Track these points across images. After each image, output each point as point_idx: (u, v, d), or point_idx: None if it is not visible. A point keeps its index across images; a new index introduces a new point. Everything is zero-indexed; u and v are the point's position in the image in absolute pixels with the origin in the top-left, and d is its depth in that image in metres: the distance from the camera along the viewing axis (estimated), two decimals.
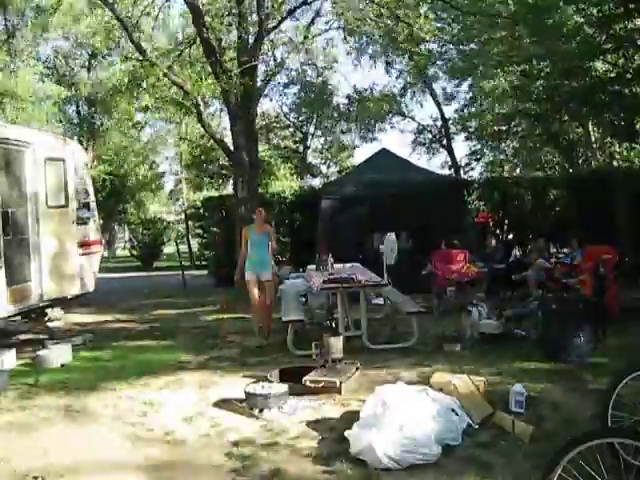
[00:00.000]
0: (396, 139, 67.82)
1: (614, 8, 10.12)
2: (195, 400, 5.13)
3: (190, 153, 27.04)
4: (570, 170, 19.13)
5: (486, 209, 13.95)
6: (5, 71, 19.59)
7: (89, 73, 25.38)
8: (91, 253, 8.81)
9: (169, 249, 25.81)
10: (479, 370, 5.45)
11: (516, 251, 11.00)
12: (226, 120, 17.20)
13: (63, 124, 26.06)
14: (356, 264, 8.49)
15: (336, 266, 8.04)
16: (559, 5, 10.97)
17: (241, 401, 4.82)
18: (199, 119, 12.26)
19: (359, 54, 23.30)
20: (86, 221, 8.71)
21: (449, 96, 24.77)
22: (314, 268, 8.21)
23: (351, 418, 4.23)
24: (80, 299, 8.71)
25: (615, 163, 18.45)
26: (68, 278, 8.05)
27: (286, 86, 26.69)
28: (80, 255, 8.36)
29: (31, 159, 7.48)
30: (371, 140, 27.41)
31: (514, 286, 9.37)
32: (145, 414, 4.80)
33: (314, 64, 23.53)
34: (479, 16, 12.19)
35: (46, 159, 7.76)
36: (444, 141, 26.29)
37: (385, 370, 5.75)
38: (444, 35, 16.47)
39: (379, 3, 11.30)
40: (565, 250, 9.89)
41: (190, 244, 23.72)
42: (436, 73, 23.00)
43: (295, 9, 12.76)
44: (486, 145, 24.87)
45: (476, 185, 14.49)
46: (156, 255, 23.19)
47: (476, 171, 26.49)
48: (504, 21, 12.21)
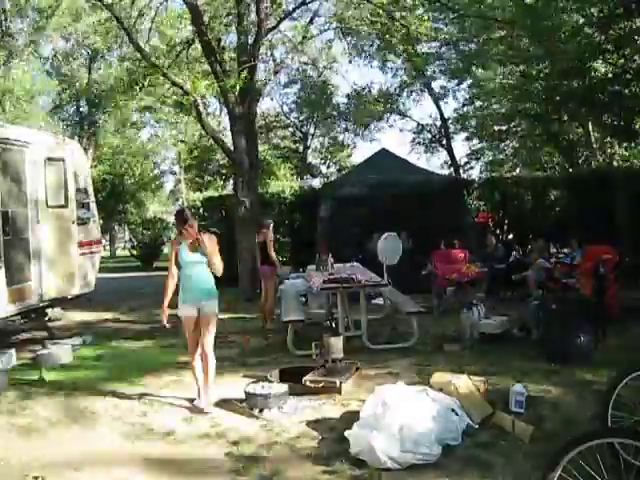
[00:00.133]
0: (395, 139, 67.92)
1: (614, 8, 10.12)
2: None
3: (189, 153, 27.02)
4: (570, 170, 19.13)
5: (486, 209, 13.94)
6: (4, 71, 19.60)
7: (89, 73, 25.36)
8: (91, 253, 8.82)
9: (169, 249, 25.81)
10: (479, 370, 5.45)
11: (516, 251, 11.02)
12: (226, 120, 17.21)
13: (63, 124, 26.08)
14: (356, 264, 8.49)
15: (336, 266, 8.04)
16: (556, 7, 10.97)
17: (241, 401, 4.82)
18: (199, 119, 12.25)
19: (357, 54, 23.31)
20: (86, 221, 8.72)
21: (448, 95, 24.82)
22: (314, 268, 8.22)
23: (351, 418, 4.23)
24: (80, 299, 8.71)
25: (615, 163, 18.45)
26: (68, 278, 8.05)
27: (286, 86, 26.74)
28: (80, 255, 8.37)
29: (31, 159, 7.47)
30: (370, 140, 27.46)
31: (514, 286, 9.38)
32: (145, 414, 4.80)
33: (313, 64, 23.50)
34: (476, 18, 12.19)
35: (46, 159, 7.76)
36: (443, 141, 26.30)
37: (385, 370, 5.75)
38: (441, 35, 16.48)
39: (376, 4, 11.30)
40: (565, 250, 9.89)
41: None
42: (434, 73, 23.01)
43: (294, 9, 12.78)
44: (486, 145, 24.91)
45: (476, 185, 14.49)
46: (156, 255, 23.18)
47: (476, 171, 26.55)
48: (502, 22, 12.20)
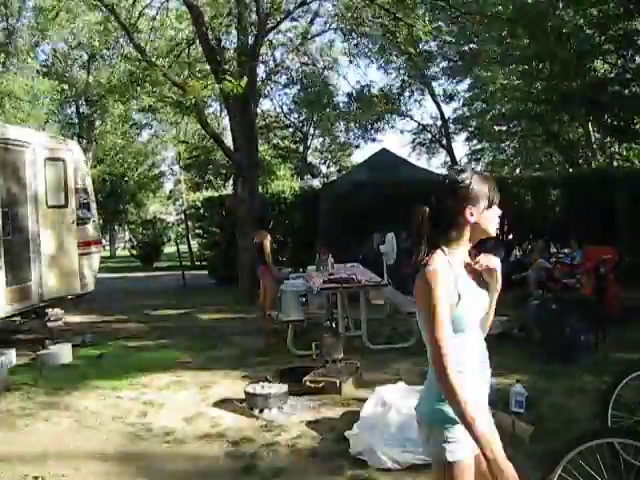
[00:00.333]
0: (396, 139, 67.97)
1: (614, 9, 10.12)
2: (195, 400, 5.13)
3: (189, 153, 27.02)
4: (570, 170, 19.13)
5: None
6: (3, 71, 19.59)
7: (88, 73, 25.36)
8: (91, 253, 8.82)
9: (169, 249, 25.81)
10: None
11: (516, 251, 11.01)
12: (226, 120, 17.22)
13: (62, 124, 26.07)
14: (356, 264, 8.49)
15: (336, 266, 8.04)
16: (556, 9, 10.98)
17: (241, 401, 4.82)
18: (199, 119, 12.25)
19: (357, 55, 23.31)
20: (86, 221, 8.71)
21: (448, 95, 24.81)
22: (314, 268, 8.22)
23: (351, 418, 4.23)
24: (80, 299, 8.71)
25: (615, 163, 18.45)
26: (68, 278, 8.05)
27: (286, 86, 26.70)
28: (80, 255, 8.36)
29: (31, 159, 7.47)
30: (371, 140, 27.44)
31: (514, 286, 9.38)
32: (145, 414, 4.80)
33: (313, 64, 23.50)
34: (477, 17, 12.17)
35: (46, 159, 7.76)
36: (444, 141, 26.30)
37: (385, 370, 5.75)
38: (442, 35, 16.46)
39: (378, 4, 11.28)
40: (565, 250, 9.89)
41: (190, 244, 23.74)
42: (435, 73, 23.01)
43: (294, 9, 12.76)
44: (487, 145, 24.91)
45: None
46: (156, 255, 23.20)
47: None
48: (502, 22, 12.18)
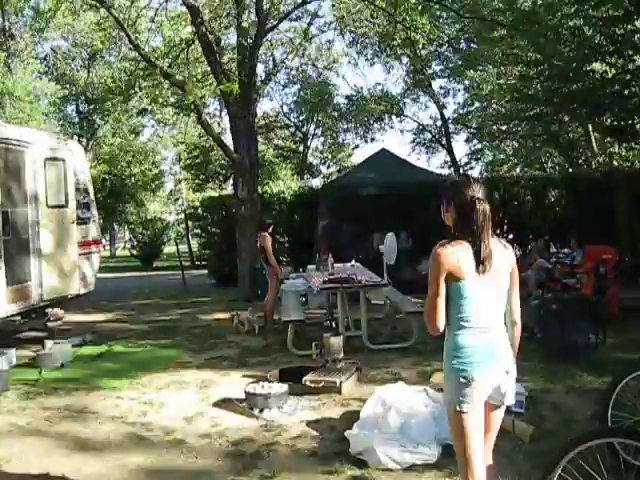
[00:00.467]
0: (395, 139, 67.98)
1: (613, 10, 10.10)
2: (195, 400, 5.13)
3: (189, 153, 27.02)
4: (570, 170, 19.13)
5: None
6: (3, 70, 19.58)
7: (88, 73, 25.37)
8: (91, 253, 8.83)
9: (169, 249, 25.82)
10: None
11: (516, 251, 11.01)
12: (226, 120, 17.22)
13: (62, 124, 26.05)
14: (356, 264, 8.49)
15: (336, 266, 8.04)
16: (556, 10, 10.96)
17: (241, 401, 4.82)
18: (199, 119, 12.25)
19: (357, 56, 23.35)
20: (86, 221, 8.72)
21: (448, 95, 24.85)
22: (314, 268, 8.22)
23: (351, 418, 4.23)
24: (80, 299, 8.72)
25: (615, 163, 18.45)
26: (68, 278, 8.05)
27: (285, 86, 26.72)
28: (80, 255, 8.37)
29: (31, 159, 7.47)
30: (370, 140, 27.44)
31: None
32: (145, 414, 4.80)
33: (313, 64, 23.51)
34: (476, 20, 12.19)
35: (46, 159, 7.76)
36: (443, 141, 26.31)
37: (385, 370, 5.75)
38: (441, 35, 16.44)
39: (377, 5, 11.29)
40: (565, 250, 9.89)
41: (190, 244, 23.76)
42: (434, 74, 23.00)
43: (293, 9, 12.77)
44: (486, 145, 24.90)
45: None
46: (156, 255, 23.20)
47: (476, 171, 26.56)
48: (502, 24, 12.17)
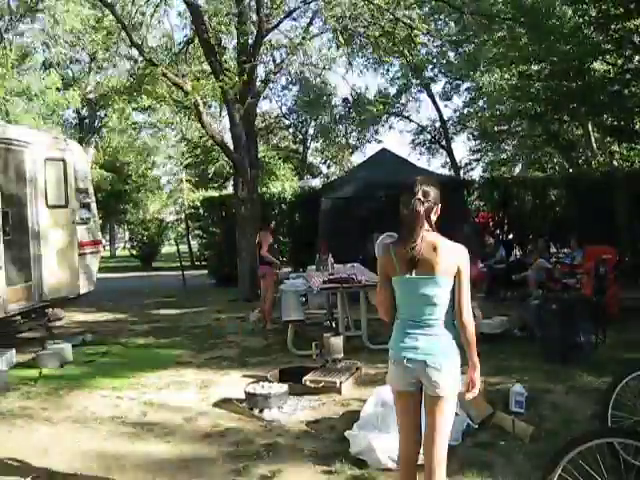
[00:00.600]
0: (395, 139, 67.86)
1: (614, 8, 10.11)
2: (195, 400, 5.13)
3: (190, 153, 27.07)
4: (570, 170, 19.12)
5: (486, 209, 13.95)
6: (4, 70, 19.56)
7: (88, 72, 25.35)
8: (91, 253, 8.82)
9: (169, 249, 25.82)
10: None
11: (516, 251, 11.02)
12: (226, 120, 17.19)
13: (63, 124, 26.05)
14: (356, 264, 8.49)
15: (336, 266, 8.04)
16: (556, 7, 10.98)
17: (241, 401, 4.82)
18: (199, 119, 12.24)
19: (355, 56, 23.29)
20: (86, 221, 8.72)
21: (448, 96, 24.79)
22: (314, 268, 8.22)
23: (351, 418, 4.23)
24: (80, 299, 8.71)
25: (615, 163, 18.45)
26: (68, 278, 8.04)
27: (285, 87, 26.71)
28: (80, 255, 8.37)
29: (31, 159, 7.47)
30: (369, 141, 27.45)
31: (514, 286, 9.38)
32: (145, 414, 4.80)
33: (313, 65, 23.49)
34: (476, 17, 12.17)
35: (46, 159, 7.76)
36: (443, 142, 26.31)
37: (385, 370, 5.71)
38: (441, 35, 16.46)
39: (377, 4, 11.27)
40: (565, 250, 9.90)
41: (190, 244, 23.75)
42: (435, 75, 23.01)
43: (294, 10, 12.75)
44: (487, 145, 24.89)
45: (476, 185, 14.50)
46: (156, 255, 23.21)
47: (476, 171, 26.57)
48: (502, 22, 12.19)
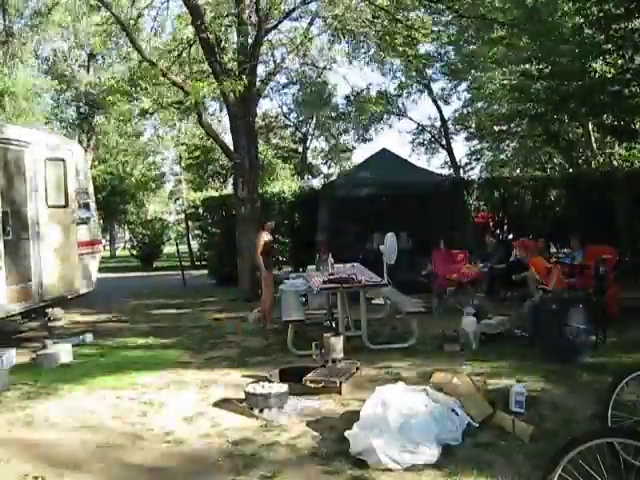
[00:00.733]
0: (395, 139, 67.85)
1: (614, 8, 10.09)
2: (195, 400, 5.13)
3: (190, 153, 27.05)
4: (570, 170, 19.11)
5: (486, 209, 13.95)
6: (3, 70, 19.59)
7: (88, 72, 25.35)
8: (91, 253, 8.82)
9: (169, 249, 25.82)
10: (479, 370, 5.45)
11: (516, 251, 11.00)
12: (226, 120, 17.18)
13: (63, 124, 26.05)
14: (356, 264, 8.50)
15: (336, 266, 8.04)
16: (557, 8, 10.98)
17: (241, 401, 4.82)
18: (199, 120, 12.25)
19: (355, 56, 23.31)
20: (86, 221, 8.71)
21: (448, 96, 24.84)
22: (314, 268, 8.22)
23: (351, 418, 4.23)
24: (80, 299, 8.72)
25: (615, 163, 18.45)
26: (68, 278, 8.05)
27: (285, 86, 26.72)
28: (80, 255, 8.37)
29: (31, 159, 7.48)
30: (369, 140, 27.45)
31: (514, 286, 9.38)
32: (145, 414, 4.80)
33: (313, 64, 23.49)
34: (477, 19, 12.20)
35: (46, 159, 7.77)
36: (443, 141, 26.32)
37: (385, 370, 5.75)
38: (442, 36, 16.46)
39: (377, 4, 11.28)
40: (565, 250, 9.89)
41: (190, 244, 23.76)
42: (435, 74, 23.03)
43: (293, 9, 12.75)
44: (486, 145, 24.90)
45: (476, 185, 14.49)
46: (156, 255, 23.21)
47: (477, 171, 26.58)
48: (502, 22, 12.18)
